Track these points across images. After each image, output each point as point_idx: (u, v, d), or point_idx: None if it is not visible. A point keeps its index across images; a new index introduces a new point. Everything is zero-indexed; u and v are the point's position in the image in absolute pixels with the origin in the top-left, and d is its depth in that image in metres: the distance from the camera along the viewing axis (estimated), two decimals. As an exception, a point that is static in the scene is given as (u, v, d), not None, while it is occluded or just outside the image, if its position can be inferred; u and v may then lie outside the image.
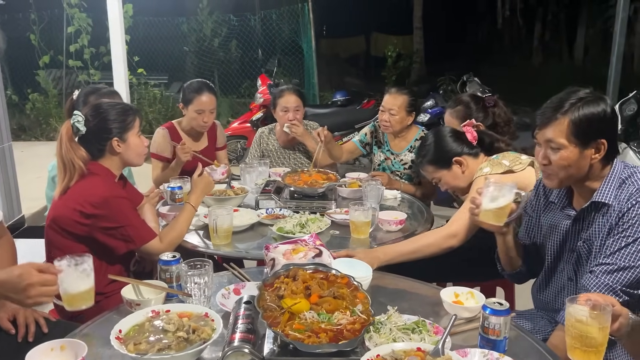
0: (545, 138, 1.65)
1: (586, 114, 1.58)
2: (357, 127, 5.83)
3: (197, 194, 2.33)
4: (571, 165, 1.63)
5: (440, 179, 2.35)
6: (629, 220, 1.58)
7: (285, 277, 1.55)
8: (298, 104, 3.31)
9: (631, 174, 1.65)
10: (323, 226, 2.32)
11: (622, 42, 6.22)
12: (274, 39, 9.67)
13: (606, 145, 1.61)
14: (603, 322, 1.29)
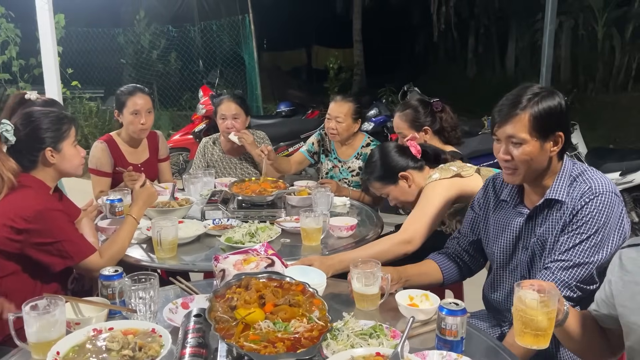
0: (506, 134, 1.65)
1: (545, 108, 1.62)
2: (302, 137, 5.82)
3: (140, 206, 2.22)
4: (533, 159, 1.65)
5: (389, 194, 2.36)
6: (583, 218, 1.62)
7: (238, 287, 1.49)
8: (237, 112, 3.25)
9: (582, 172, 1.70)
10: (273, 235, 2.27)
11: (551, 53, 6.52)
12: (215, 50, 9.54)
13: (563, 137, 1.66)
14: (552, 306, 1.31)
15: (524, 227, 1.78)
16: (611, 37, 11.03)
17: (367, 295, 1.68)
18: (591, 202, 1.61)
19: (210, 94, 6.29)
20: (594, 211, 1.61)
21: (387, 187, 2.34)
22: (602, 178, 1.67)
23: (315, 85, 14.99)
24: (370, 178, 2.37)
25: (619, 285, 1.37)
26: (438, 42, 15.71)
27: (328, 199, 2.58)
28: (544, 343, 1.32)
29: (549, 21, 6.48)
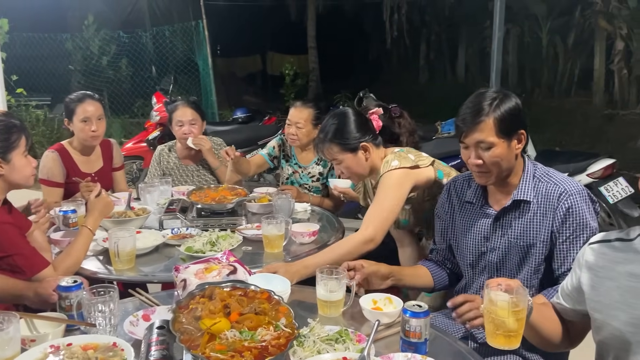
0: (475, 140, 1.72)
1: (506, 110, 1.71)
2: (260, 144, 5.78)
3: (95, 217, 2.15)
4: (503, 160, 1.73)
5: (342, 162, 2.24)
6: (574, 221, 1.71)
7: (201, 297, 1.46)
8: (194, 117, 3.22)
9: (546, 173, 1.79)
10: (235, 243, 2.24)
11: (500, 59, 6.75)
12: (168, 56, 9.39)
13: (525, 134, 1.75)
14: (521, 305, 1.33)
15: (491, 228, 1.83)
16: (555, 45, 11.53)
17: (331, 301, 1.69)
18: (574, 205, 1.70)
19: (164, 101, 6.17)
20: (581, 212, 1.70)
21: (344, 153, 2.22)
22: (567, 178, 1.76)
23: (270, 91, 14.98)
24: (327, 139, 2.22)
25: (592, 282, 1.40)
26: (391, 48, 16.01)
27: (289, 205, 2.58)
28: (515, 343, 1.35)
29: (497, 29, 6.71)
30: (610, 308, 1.36)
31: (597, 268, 1.41)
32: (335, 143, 2.22)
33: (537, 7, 11.41)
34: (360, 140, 2.22)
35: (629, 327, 1.31)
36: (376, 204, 2.12)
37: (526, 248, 1.78)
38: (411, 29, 15.24)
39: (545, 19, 11.48)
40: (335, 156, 2.25)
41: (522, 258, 1.80)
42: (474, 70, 14.80)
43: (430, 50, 16.25)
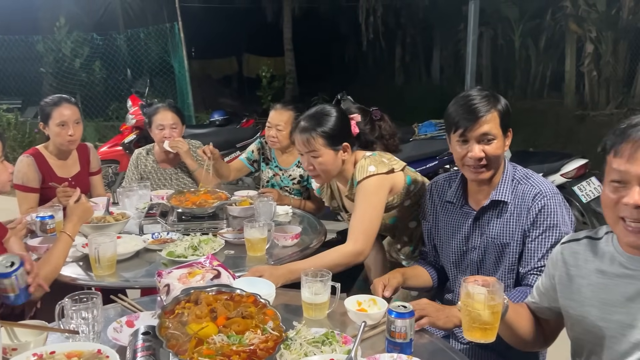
0: (480, 133, 1.73)
1: (504, 106, 1.77)
2: (238, 147, 5.76)
3: (74, 222, 2.12)
4: (501, 153, 1.78)
5: (320, 156, 2.14)
6: (544, 222, 1.75)
7: (187, 302, 1.46)
8: (175, 121, 3.20)
9: (525, 175, 1.83)
10: (217, 247, 2.23)
11: (474, 62, 6.87)
12: (143, 59, 9.27)
13: (511, 132, 1.80)
14: (497, 299, 1.36)
15: (471, 228, 1.88)
16: (527, 47, 11.76)
17: (316, 304, 1.70)
18: (545, 207, 1.74)
19: (140, 104, 6.09)
20: (552, 214, 1.74)
21: (326, 148, 2.13)
22: (545, 182, 1.80)
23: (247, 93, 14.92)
24: (318, 129, 2.12)
25: (564, 279, 1.44)
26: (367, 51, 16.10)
27: (270, 208, 2.58)
28: (491, 336, 1.38)
29: (472, 32, 6.83)
30: (583, 305, 1.39)
31: (569, 266, 1.44)
32: (322, 136, 2.12)
33: (509, 11, 11.62)
34: (344, 140, 2.19)
35: (602, 322, 1.35)
36: (360, 214, 2.08)
37: (501, 247, 1.82)
38: (386, 31, 15.37)
39: (517, 22, 11.70)
40: (316, 148, 2.13)
41: (498, 257, 1.84)
42: (448, 73, 15.00)
43: (405, 53, 16.41)
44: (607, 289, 1.34)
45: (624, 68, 9.31)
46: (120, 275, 2.06)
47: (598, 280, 1.36)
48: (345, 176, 2.25)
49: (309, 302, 1.70)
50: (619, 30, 9.21)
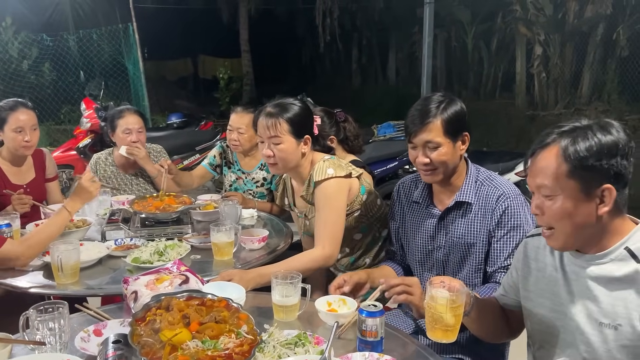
0: (423, 140, 1.82)
1: (452, 112, 1.81)
2: (197, 149, 5.70)
3: (76, 201, 2.22)
4: (448, 158, 1.83)
5: (281, 143, 2.11)
6: (508, 222, 1.82)
7: (158, 309, 1.44)
8: (141, 125, 3.15)
9: (488, 177, 1.89)
10: (183, 252, 2.20)
11: (430, 64, 7.02)
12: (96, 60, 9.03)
13: (469, 136, 1.85)
14: (459, 302, 1.41)
15: (436, 227, 1.93)
16: (480, 49, 12.08)
17: (286, 306, 1.71)
18: (509, 208, 1.81)
19: (95, 107, 5.93)
20: (515, 214, 1.81)
21: (289, 136, 2.11)
22: (507, 183, 1.87)
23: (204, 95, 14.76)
24: (281, 115, 2.10)
25: (525, 272, 1.52)
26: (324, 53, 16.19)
27: (236, 211, 2.56)
28: (452, 337, 1.43)
29: (427, 35, 6.97)
30: (538, 296, 1.48)
31: (529, 260, 1.53)
32: (288, 122, 2.10)
33: (462, 13, 11.92)
34: (306, 132, 2.17)
35: (553, 314, 1.43)
36: (324, 219, 2.10)
37: (467, 247, 1.89)
38: (343, 33, 15.50)
39: (470, 24, 12.01)
40: (280, 134, 2.10)
41: (464, 256, 1.91)
42: (404, 74, 15.25)
43: (362, 55, 16.58)
44: (557, 283, 1.42)
45: (571, 69, 9.71)
46: (83, 284, 2.01)
47: (551, 274, 1.45)
48: (301, 174, 2.24)
49: (279, 305, 1.71)
50: (565, 34, 9.60)
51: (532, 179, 1.31)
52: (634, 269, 1.26)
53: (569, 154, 1.24)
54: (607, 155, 1.23)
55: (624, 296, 1.28)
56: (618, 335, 1.28)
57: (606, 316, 1.30)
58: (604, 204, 1.25)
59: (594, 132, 1.25)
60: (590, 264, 1.34)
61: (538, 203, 1.31)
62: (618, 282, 1.29)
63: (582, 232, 1.29)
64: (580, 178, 1.24)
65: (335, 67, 17.90)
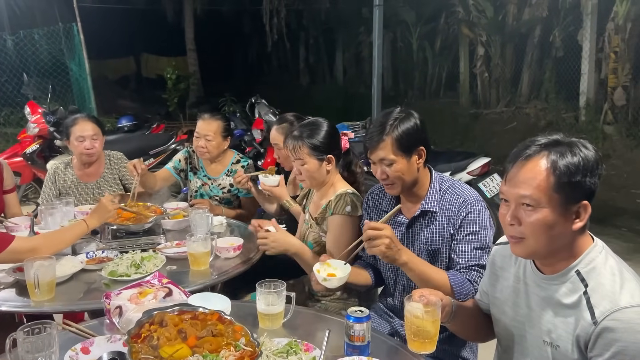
0: (378, 158, 1.93)
1: (404, 130, 1.90)
2: (152, 154, 5.59)
3: (96, 218, 2.31)
4: (404, 174, 1.93)
5: (305, 164, 2.26)
6: (468, 227, 1.91)
7: (151, 325, 1.46)
8: (96, 132, 3.11)
9: (451, 185, 1.99)
10: (159, 263, 2.19)
11: (380, 65, 7.17)
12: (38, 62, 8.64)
13: (425, 150, 1.94)
14: (435, 316, 1.49)
15: (405, 235, 2.02)
16: (424, 49, 12.40)
17: (271, 314, 1.75)
18: (470, 213, 1.90)
19: (42, 111, 5.71)
20: (475, 220, 1.90)
21: (311, 157, 2.25)
22: (469, 190, 1.97)
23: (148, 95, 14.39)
24: (300, 138, 2.24)
25: (493, 280, 1.61)
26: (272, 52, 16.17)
27: (207, 220, 2.57)
28: (430, 348, 1.51)
29: (377, 36, 7.13)
30: (503, 305, 1.56)
31: (496, 267, 1.61)
32: (307, 145, 2.24)
33: (407, 14, 12.19)
34: (328, 152, 2.27)
35: (515, 322, 1.52)
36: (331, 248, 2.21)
37: (433, 253, 1.98)
38: (290, 32, 15.52)
39: (414, 25, 12.30)
40: (302, 156, 2.25)
41: (430, 262, 1.98)
42: (351, 74, 15.45)
43: (309, 54, 16.68)
44: (519, 294, 1.50)
45: (511, 69, 10.12)
46: (60, 300, 1.97)
47: (514, 284, 1.53)
48: (324, 193, 2.33)
49: (264, 313, 1.75)
50: (505, 35, 10.00)
51: (513, 189, 1.33)
52: (579, 296, 1.31)
53: (559, 167, 1.28)
54: (590, 173, 1.28)
55: (566, 321, 1.34)
56: (558, 354, 1.35)
57: (548, 335, 1.38)
58: (579, 220, 1.31)
59: (580, 149, 1.29)
60: (544, 284, 1.40)
61: (515, 213, 1.33)
62: (565, 308, 1.34)
63: (552, 245, 1.33)
64: (564, 192, 1.28)
65: (283, 66, 17.91)
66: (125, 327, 1.67)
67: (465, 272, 1.91)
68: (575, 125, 8.46)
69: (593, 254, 1.34)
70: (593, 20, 8.20)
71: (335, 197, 2.23)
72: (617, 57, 7.79)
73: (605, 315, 1.23)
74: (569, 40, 8.83)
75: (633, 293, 1.24)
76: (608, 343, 1.22)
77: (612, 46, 7.83)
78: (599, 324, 1.23)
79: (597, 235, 1.41)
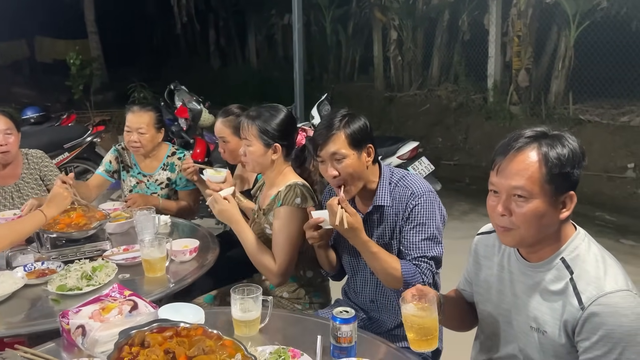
0: (329, 152, 1.89)
1: (356, 127, 1.90)
2: (66, 148, 5.16)
3: (51, 207, 2.15)
4: (354, 170, 1.90)
5: (251, 146, 2.20)
6: (416, 218, 1.92)
7: (131, 346, 1.34)
8: (8, 126, 2.83)
9: (401, 177, 1.99)
10: (111, 272, 2.03)
11: (301, 49, 7.11)
12: None
13: (373, 148, 1.94)
14: (434, 312, 1.49)
15: None
16: (337, 33, 12.46)
17: (248, 320, 1.68)
18: (418, 205, 1.91)
19: None
20: (423, 211, 1.91)
21: (256, 140, 2.18)
22: (419, 181, 1.98)
23: (46, 82, 13.33)
24: (252, 120, 2.19)
25: (476, 268, 1.65)
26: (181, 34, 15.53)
27: (153, 221, 2.42)
28: (434, 344, 1.50)
29: (297, 20, 7.06)
30: (486, 292, 1.61)
31: (479, 257, 1.65)
32: (257, 127, 2.18)
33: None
34: (276, 140, 2.19)
35: (500, 310, 1.56)
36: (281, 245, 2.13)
37: (384, 247, 1.95)
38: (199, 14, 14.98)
39: (327, 8, 12.31)
40: (248, 137, 2.20)
41: None
42: (264, 57, 15.24)
43: (220, 36, 16.21)
44: (503, 282, 1.54)
45: (422, 53, 10.45)
46: (4, 322, 1.77)
47: (498, 272, 1.57)
48: (272, 182, 2.26)
49: (240, 320, 1.68)
50: (416, 19, 10.27)
51: (505, 180, 1.35)
52: (565, 283, 1.36)
53: (550, 159, 1.31)
54: (577, 164, 1.34)
55: (553, 307, 1.38)
56: (545, 339, 1.41)
57: (535, 321, 1.43)
58: (566, 209, 1.36)
59: (568, 141, 1.34)
60: (529, 271, 1.45)
61: (507, 204, 1.36)
62: (551, 294, 1.39)
63: (540, 234, 1.37)
64: (555, 183, 1.32)
65: (192, 49, 17.29)
66: (91, 348, 1.54)
67: (416, 264, 1.91)
68: (484, 106, 8.91)
69: (577, 241, 1.40)
70: (498, 5, 8.63)
71: (285, 188, 2.17)
72: (520, 41, 8.26)
73: (592, 300, 1.29)
74: (476, 24, 9.23)
75: (616, 278, 1.31)
76: (595, 327, 1.28)
77: (516, 30, 8.29)
78: (586, 309, 1.29)
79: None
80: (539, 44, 8.39)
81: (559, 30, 8.13)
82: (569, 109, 7.79)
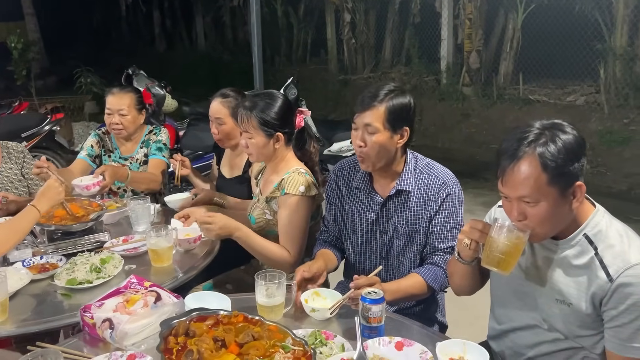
0: (364, 122, 1.87)
1: (398, 104, 1.87)
2: (24, 137, 4.90)
3: (43, 201, 2.05)
4: (381, 147, 1.88)
5: (252, 138, 2.18)
6: (447, 208, 1.95)
7: (176, 337, 1.33)
8: None
9: (426, 165, 2.00)
10: (118, 264, 1.98)
11: (260, 33, 7.00)
12: None
13: (409, 132, 1.92)
14: (524, 240, 1.46)
15: (379, 213, 2.02)
16: (288, 15, 12.34)
17: (273, 306, 1.69)
18: (449, 195, 1.95)
19: None
20: (453, 201, 1.96)
21: (258, 132, 2.16)
22: (446, 170, 2.01)
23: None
24: (251, 111, 2.16)
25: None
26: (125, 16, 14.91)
27: (149, 210, 2.37)
28: (509, 268, 1.49)
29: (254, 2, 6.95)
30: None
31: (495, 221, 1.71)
32: (257, 118, 2.15)
33: (269, -21, 11.99)
34: (277, 129, 2.17)
35: (519, 280, 1.62)
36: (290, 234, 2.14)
37: (410, 233, 2.00)
38: (144, -5, 14.44)
39: (278, -10, 12.17)
40: (249, 130, 2.17)
41: (407, 242, 2.02)
42: (212, 40, 14.89)
43: (165, 18, 15.69)
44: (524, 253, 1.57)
45: (375, 36, 10.53)
46: (16, 321, 1.69)
47: None
48: (274, 168, 2.25)
49: (265, 306, 1.69)
50: (368, 2, 10.34)
51: (512, 190, 1.42)
52: (590, 257, 1.43)
53: (548, 164, 1.36)
54: (576, 157, 1.39)
55: (578, 280, 1.45)
56: (570, 310, 1.49)
57: (560, 294, 1.51)
58: (576, 199, 1.43)
59: (559, 137, 1.38)
60: (554, 248, 1.52)
61: (519, 210, 1.43)
62: (575, 268, 1.46)
63: (558, 226, 1.46)
64: (558, 184, 1.38)
65: (136, 31, 16.66)
66: (121, 341, 1.52)
67: (437, 254, 1.96)
68: (438, 88, 9.12)
69: (597, 217, 1.49)
70: (449, -12, 8.81)
71: (288, 175, 2.16)
72: (471, 24, 8.49)
73: (620, 272, 1.38)
74: (427, 7, 9.38)
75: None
76: (623, 297, 1.38)
77: (467, 13, 8.51)
78: (614, 281, 1.39)
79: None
80: (489, 26, 8.64)
81: (507, 12, 8.40)
82: (519, 90, 8.10)
